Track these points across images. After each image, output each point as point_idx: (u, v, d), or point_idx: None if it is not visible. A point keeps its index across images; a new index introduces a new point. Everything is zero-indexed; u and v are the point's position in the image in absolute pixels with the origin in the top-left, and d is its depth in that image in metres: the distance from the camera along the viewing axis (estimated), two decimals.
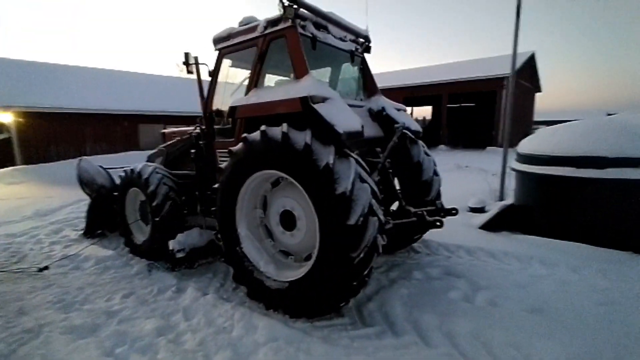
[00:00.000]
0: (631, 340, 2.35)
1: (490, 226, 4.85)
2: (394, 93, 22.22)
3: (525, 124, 23.79)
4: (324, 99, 2.69)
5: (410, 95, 24.22)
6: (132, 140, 17.33)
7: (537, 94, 28.14)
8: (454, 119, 26.34)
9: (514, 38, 5.93)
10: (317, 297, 2.57)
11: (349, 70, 4.14)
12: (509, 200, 5.36)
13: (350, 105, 3.06)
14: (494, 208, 5.20)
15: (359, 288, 2.55)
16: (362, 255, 2.36)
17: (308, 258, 2.85)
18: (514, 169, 5.05)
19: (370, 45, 4.09)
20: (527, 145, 4.90)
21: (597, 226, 4.09)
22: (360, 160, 2.64)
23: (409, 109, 29.40)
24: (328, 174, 2.40)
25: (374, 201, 2.48)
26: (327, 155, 2.44)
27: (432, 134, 22.93)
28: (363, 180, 2.49)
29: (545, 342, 2.33)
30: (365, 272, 2.48)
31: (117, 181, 4.65)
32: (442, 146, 21.43)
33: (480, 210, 5.59)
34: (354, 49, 3.86)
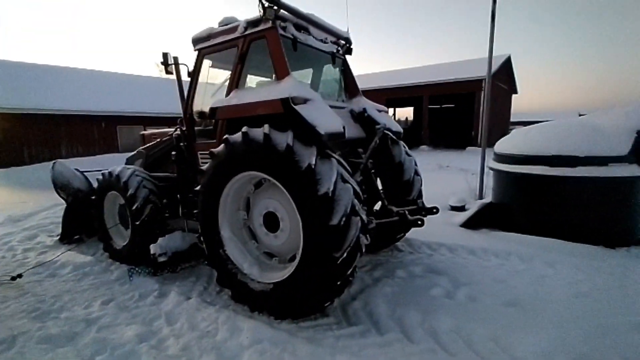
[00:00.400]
0: (601, 331, 2.47)
1: (470, 224, 5.00)
2: (376, 94, 22.47)
3: (502, 125, 24.58)
4: (305, 100, 2.70)
5: (392, 96, 24.57)
6: (110, 142, 16.83)
7: (514, 95, 29.13)
8: (435, 120, 26.91)
9: (489, 41, 6.13)
10: (301, 298, 2.58)
11: (331, 72, 4.18)
12: (488, 198, 5.53)
13: (331, 107, 3.09)
14: (473, 206, 5.36)
15: (343, 288, 2.58)
16: (345, 255, 2.38)
17: (292, 259, 2.85)
18: (491, 168, 5.22)
19: (351, 47, 4.14)
20: (503, 145, 5.07)
21: (570, 222, 4.27)
22: (342, 161, 2.67)
23: (391, 110, 29.89)
24: (310, 175, 2.41)
25: (356, 201, 2.51)
26: (309, 157, 2.45)
27: (414, 134, 23.35)
28: (345, 181, 2.51)
29: (523, 334, 2.42)
30: (349, 272, 2.50)
31: (95, 184, 4.51)
32: (423, 146, 21.84)
33: (461, 208, 5.74)
34: (335, 50, 3.90)
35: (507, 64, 24.18)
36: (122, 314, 2.91)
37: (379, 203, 3.66)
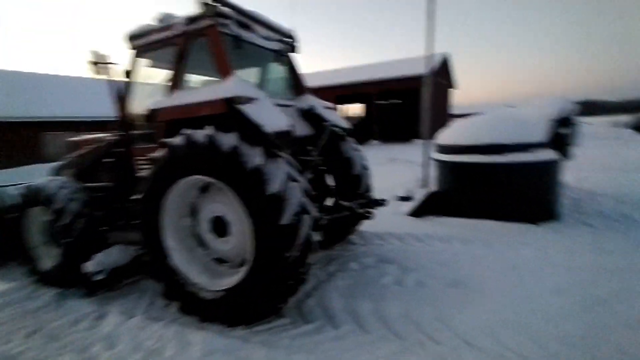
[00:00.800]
0: (528, 298, 2.78)
1: (417, 213, 5.31)
2: (326, 92, 22.76)
3: (443, 118, 26.30)
4: (249, 100, 2.65)
5: (342, 93, 25.05)
6: (33, 151, 14.99)
7: (455, 90, 31.34)
8: (384, 115, 27.95)
9: (427, 40, 6.48)
10: (255, 302, 2.52)
11: (277, 70, 4.13)
12: (433, 187, 5.90)
13: (279, 105, 3.07)
14: (419, 196, 5.68)
15: (296, 287, 2.57)
16: (296, 253, 2.38)
17: (244, 263, 2.78)
18: (433, 159, 5.58)
19: (296, 44, 4.12)
20: (443, 137, 5.44)
21: (502, 204, 4.73)
22: (290, 159, 2.67)
23: (344, 107, 30.48)
24: (257, 176, 2.37)
25: (305, 199, 2.52)
26: (255, 157, 2.41)
27: (365, 129, 24.08)
28: (294, 179, 2.51)
29: (466, 311, 2.63)
30: (302, 270, 2.51)
31: (15, 200, 3.99)
32: (374, 141, 22.65)
33: (408, 198, 6.04)
34: (279, 48, 3.85)
35: (446, 62, 25.88)
36: (52, 345, 2.59)
37: (331, 199, 3.71)
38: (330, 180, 4.05)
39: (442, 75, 24.74)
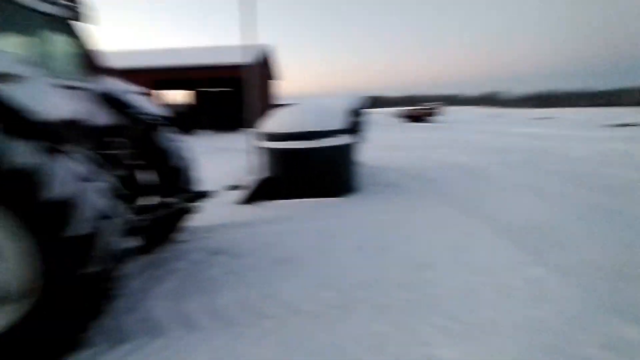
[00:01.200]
0: (338, 260, 3.38)
1: (247, 200, 5.53)
2: (143, 75, 19.49)
3: (267, 107, 27.69)
4: (11, 77, 1.98)
5: (164, 78, 22.23)
6: None
7: (279, 81, 33.33)
8: (213, 104, 26.79)
9: (244, 31, 6.57)
10: (45, 340, 1.97)
11: (59, 43, 3.21)
12: (260, 174, 6.23)
13: (66, 88, 2.44)
14: (247, 183, 5.90)
15: (101, 307, 2.16)
16: (97, 268, 1.98)
17: (27, 294, 2.11)
18: (258, 147, 5.94)
19: (83, 10, 3.29)
20: (264, 126, 5.87)
21: (314, 184, 5.54)
22: (84, 154, 2.22)
23: (166, 93, 27.10)
24: (28, 178, 1.83)
25: (105, 201, 2.13)
26: (23, 154, 1.84)
27: (194, 118, 22.46)
28: (86, 179, 2.06)
29: (291, 283, 2.94)
30: (108, 286, 2.13)
31: None
32: (203, 130, 21.47)
33: (238, 187, 6.16)
34: (56, 12, 3.00)
35: (269, 54, 26.94)
36: None
37: (151, 197, 3.30)
38: (151, 176, 3.60)
39: (265, 66, 25.71)
